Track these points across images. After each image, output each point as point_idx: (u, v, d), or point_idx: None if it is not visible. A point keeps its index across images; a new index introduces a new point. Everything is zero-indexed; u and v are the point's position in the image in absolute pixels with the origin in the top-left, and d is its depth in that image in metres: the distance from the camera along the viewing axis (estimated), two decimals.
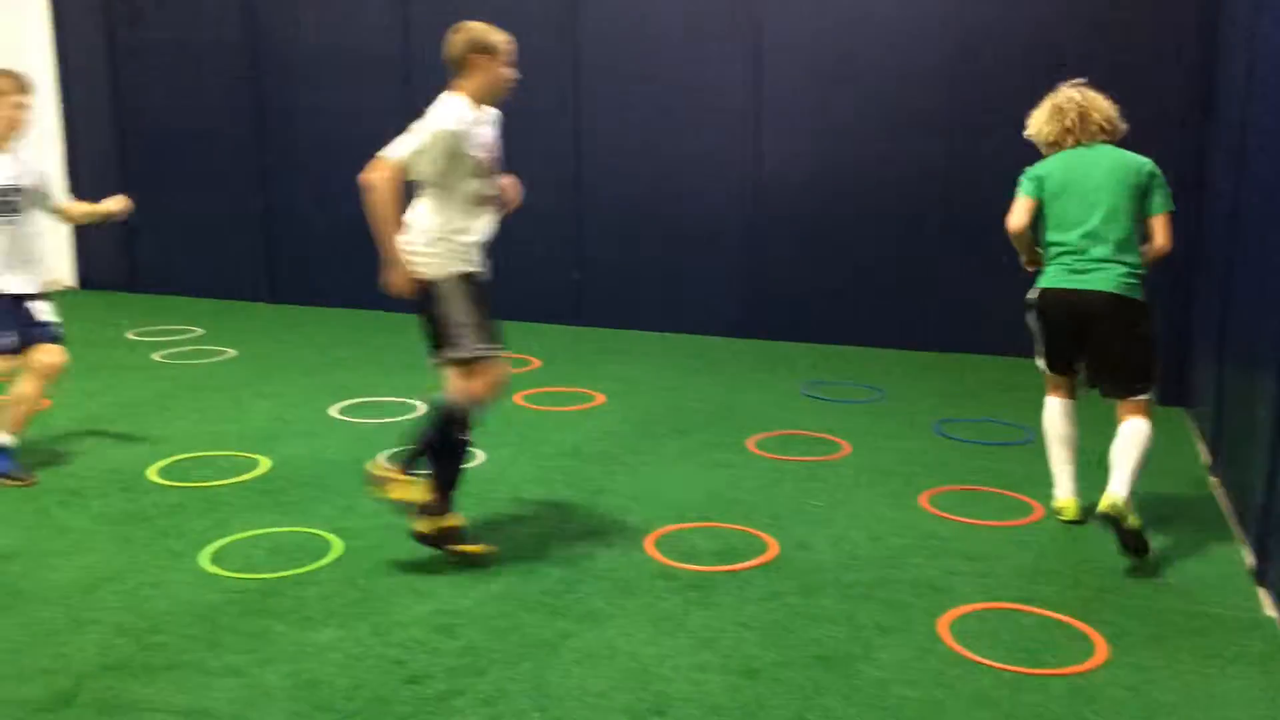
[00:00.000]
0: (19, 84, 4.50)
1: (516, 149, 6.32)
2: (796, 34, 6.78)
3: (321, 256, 8.13)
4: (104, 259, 8.82)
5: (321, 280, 8.17)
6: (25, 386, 4.46)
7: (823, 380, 6.17)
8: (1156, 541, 3.83)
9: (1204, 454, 4.91)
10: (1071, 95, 4.00)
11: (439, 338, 3.73)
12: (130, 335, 7.19)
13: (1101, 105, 3.99)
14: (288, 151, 8.09)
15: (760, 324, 7.17)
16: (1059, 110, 3.99)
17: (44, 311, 4.69)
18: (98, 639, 3.13)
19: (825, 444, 5.05)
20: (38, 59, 8.41)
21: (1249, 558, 3.71)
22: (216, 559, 3.69)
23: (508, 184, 3.90)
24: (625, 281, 7.42)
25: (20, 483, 4.38)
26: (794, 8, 6.76)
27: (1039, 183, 3.96)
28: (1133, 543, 3.63)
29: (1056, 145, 4.00)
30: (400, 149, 3.60)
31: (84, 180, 8.68)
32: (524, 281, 7.68)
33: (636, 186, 7.25)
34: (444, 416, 3.68)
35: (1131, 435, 3.80)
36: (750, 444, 5.02)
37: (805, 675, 2.98)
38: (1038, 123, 4.05)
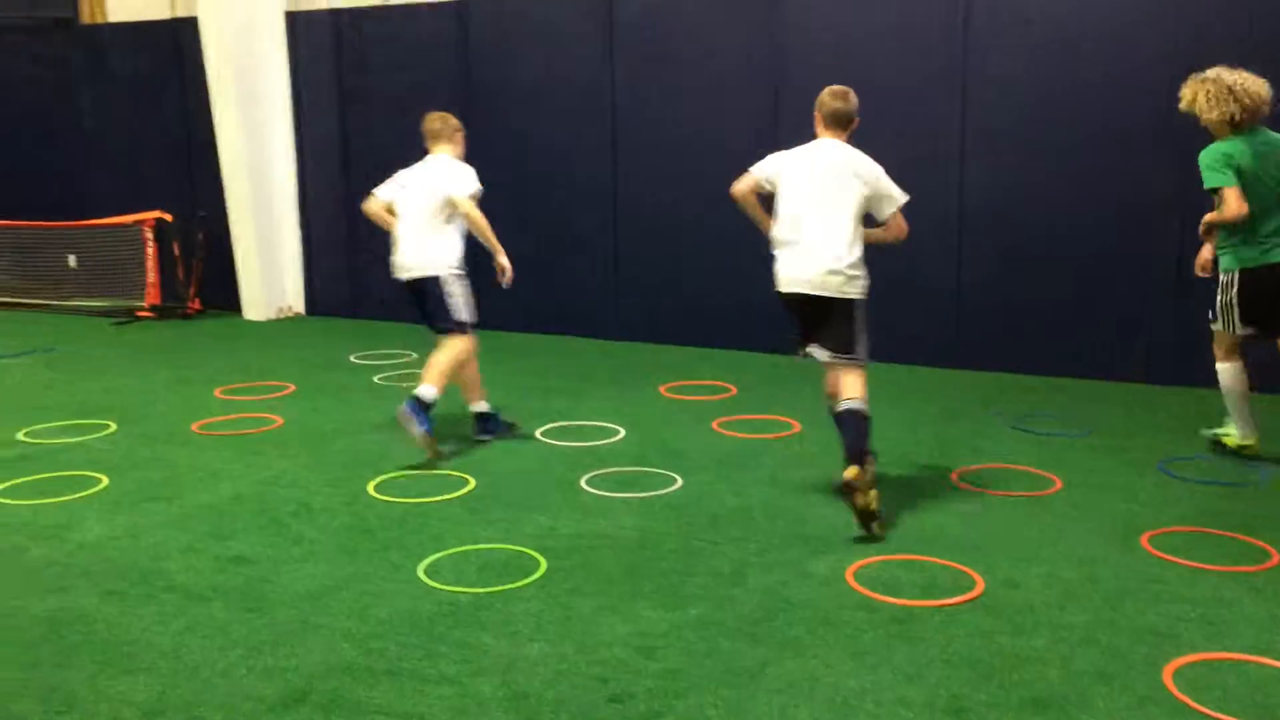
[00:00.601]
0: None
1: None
2: (1005, 65, 6.61)
3: (522, 284, 8.43)
4: (330, 287, 9.44)
5: (523, 306, 8.47)
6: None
7: (1033, 412, 5.94)
8: None
9: None
10: (1239, 78, 4.53)
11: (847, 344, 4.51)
12: (353, 359, 7.66)
13: (1263, 89, 4.58)
14: (497, 184, 8.45)
15: (967, 354, 6.97)
16: (1233, 92, 4.51)
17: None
18: (326, 642, 3.35)
19: (1035, 479, 4.86)
20: (278, 101, 9.13)
21: None
22: (431, 572, 3.88)
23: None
24: None
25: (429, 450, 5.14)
26: (999, 40, 6.59)
27: (1235, 169, 4.50)
28: None
29: (1229, 126, 4.56)
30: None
31: (311, 207, 9.36)
32: (720, 308, 7.76)
33: None
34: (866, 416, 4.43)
35: None
36: (954, 477, 4.88)
37: (1016, 718, 2.88)
38: (1211, 102, 4.58)
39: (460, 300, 5.44)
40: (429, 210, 5.40)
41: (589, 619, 3.50)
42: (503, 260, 5.53)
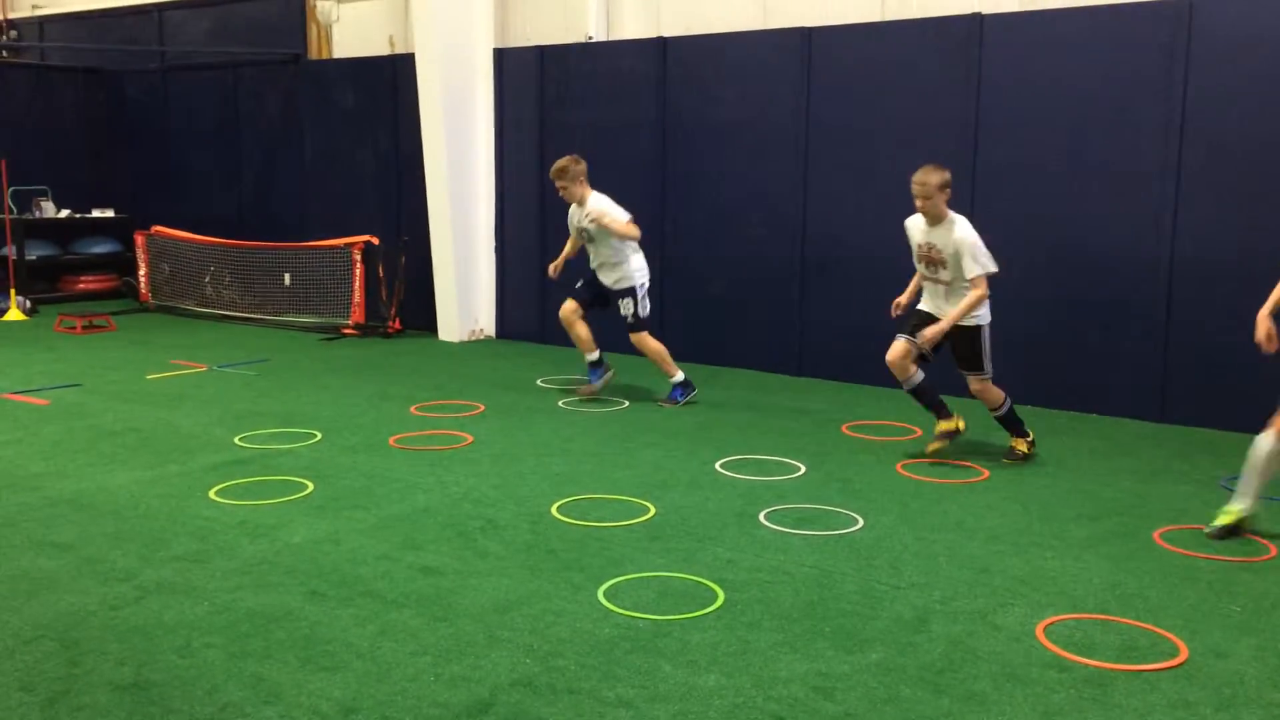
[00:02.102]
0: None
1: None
2: (1220, 115, 6.27)
3: (711, 319, 8.51)
4: (519, 313, 9.77)
5: (710, 340, 8.53)
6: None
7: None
8: None
9: None
10: None
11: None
12: (539, 382, 7.89)
13: None
14: (686, 219, 8.58)
15: (1177, 408, 6.61)
16: None
17: (623, 309, 7.09)
18: (509, 656, 3.45)
19: (1247, 544, 4.54)
20: (482, 134, 9.56)
21: None
22: (610, 595, 3.95)
23: None
24: (1017, 355, 7.12)
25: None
26: (1220, 80, 6.26)
27: None
28: None
29: None
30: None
31: (507, 235, 9.72)
32: None
33: (1035, 256, 6.96)
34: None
35: None
36: (1157, 536, 4.62)
37: None
38: None
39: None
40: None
41: (766, 654, 3.49)
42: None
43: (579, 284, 7.27)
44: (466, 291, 9.71)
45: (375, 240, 9.91)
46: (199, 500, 5.04)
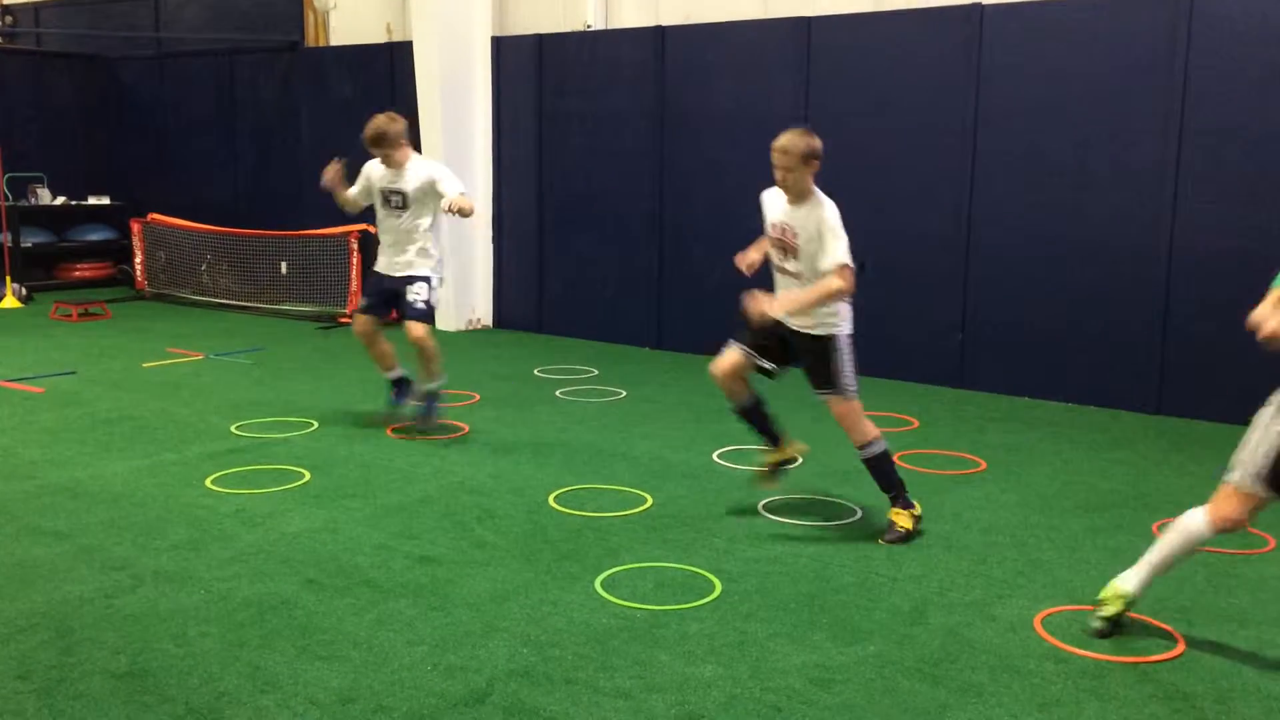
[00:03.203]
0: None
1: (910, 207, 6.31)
2: (1220, 105, 6.25)
3: (709, 307, 8.50)
4: (517, 302, 9.75)
5: (707, 331, 8.52)
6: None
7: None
8: None
9: None
10: None
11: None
12: (537, 372, 7.88)
13: None
14: (684, 210, 8.56)
15: (1176, 400, 6.61)
16: None
17: (414, 293, 6.05)
18: (506, 646, 3.44)
19: (1246, 536, 4.53)
20: (480, 122, 9.52)
21: None
22: (608, 585, 3.94)
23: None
24: (1016, 346, 7.12)
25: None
26: (1218, 85, 6.24)
27: None
28: None
29: None
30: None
31: (507, 224, 9.69)
32: (907, 339, 7.60)
33: (1034, 249, 6.95)
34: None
35: None
36: (1155, 528, 4.62)
37: None
38: None
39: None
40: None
41: (764, 645, 3.48)
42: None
43: (364, 300, 6.46)
44: (463, 281, 9.68)
45: (372, 229, 9.86)
46: (195, 489, 5.02)
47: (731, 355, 4.78)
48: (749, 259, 4.92)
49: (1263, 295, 6.03)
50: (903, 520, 4.49)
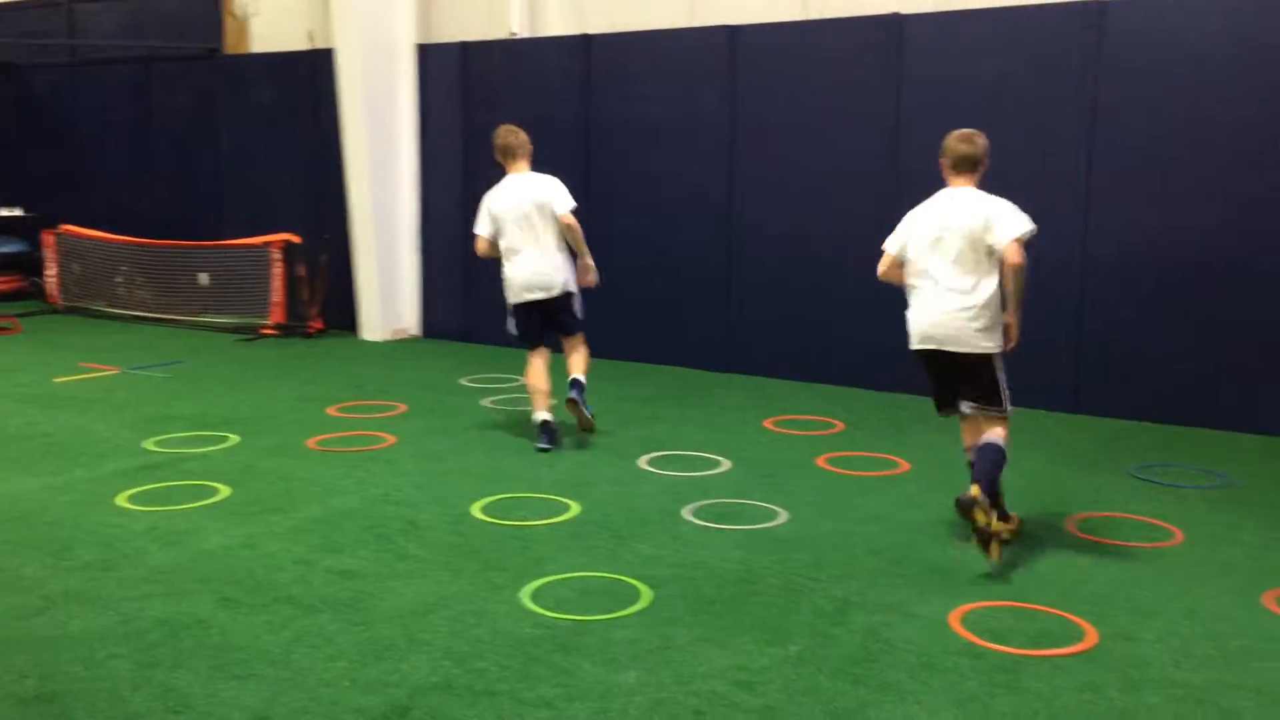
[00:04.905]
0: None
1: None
2: (1131, 114, 6.45)
3: (637, 314, 8.52)
4: (445, 311, 9.67)
5: (635, 336, 8.54)
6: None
7: (1158, 462, 5.72)
8: None
9: None
10: None
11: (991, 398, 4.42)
12: (463, 381, 7.82)
13: None
14: (617, 217, 8.57)
15: (1091, 400, 6.77)
16: None
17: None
18: (428, 659, 3.41)
19: (1155, 530, 4.68)
20: (405, 131, 9.44)
21: None
22: (532, 595, 3.92)
23: None
24: None
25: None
26: (1128, 96, 6.44)
27: None
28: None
29: None
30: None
31: (431, 233, 9.61)
32: (831, 343, 7.70)
33: None
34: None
35: None
36: (1071, 524, 4.73)
37: None
38: None
39: (581, 304, 6.15)
40: (553, 225, 5.92)
41: (688, 649, 3.49)
42: (590, 263, 6.04)
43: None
44: (389, 290, 9.58)
45: (295, 238, 9.73)
46: (108, 507, 4.89)
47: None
48: None
49: (1172, 294, 6.23)
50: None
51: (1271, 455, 5.84)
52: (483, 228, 6.01)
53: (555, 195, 5.91)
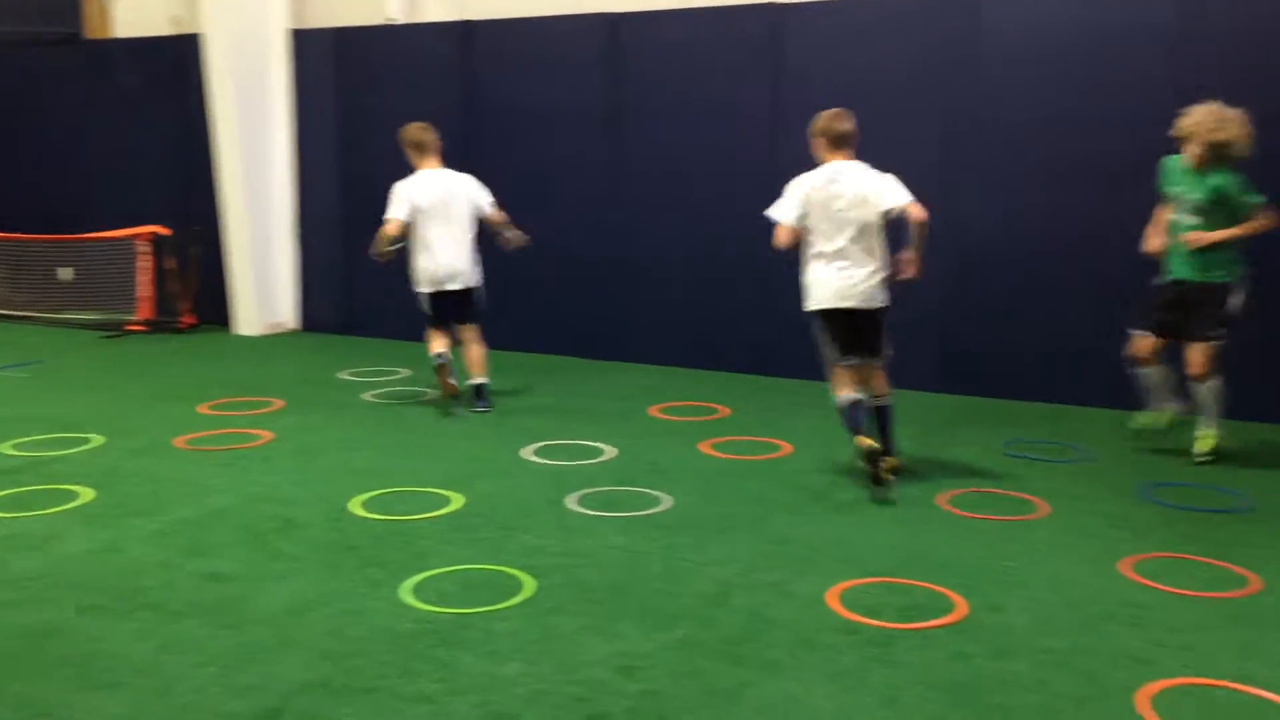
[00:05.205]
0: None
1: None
2: (1007, 102, 6.66)
3: (519, 305, 8.47)
4: (324, 304, 9.45)
5: (517, 325, 8.50)
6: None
7: (1025, 438, 5.93)
8: None
9: None
10: None
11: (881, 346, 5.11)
12: (343, 375, 7.66)
13: None
14: (501, 205, 8.48)
15: (963, 378, 6.99)
16: None
17: None
18: (302, 660, 3.33)
19: (1022, 503, 4.86)
20: (278, 118, 9.17)
21: None
22: (413, 590, 3.87)
23: None
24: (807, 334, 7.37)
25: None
26: (1004, 78, 6.65)
27: None
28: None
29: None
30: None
31: (308, 224, 9.39)
32: (713, 329, 7.78)
33: None
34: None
35: None
36: (942, 501, 4.88)
37: None
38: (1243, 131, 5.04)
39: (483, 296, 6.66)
40: (469, 222, 6.52)
41: (570, 639, 3.49)
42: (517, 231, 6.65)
43: None
44: (265, 282, 9.32)
45: (164, 230, 9.38)
46: None
47: None
48: None
49: (1033, 276, 6.44)
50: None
51: (1121, 428, 6.11)
52: (400, 212, 6.36)
53: (478, 194, 6.57)
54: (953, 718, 2.99)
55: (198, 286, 9.51)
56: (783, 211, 5.03)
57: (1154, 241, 5.47)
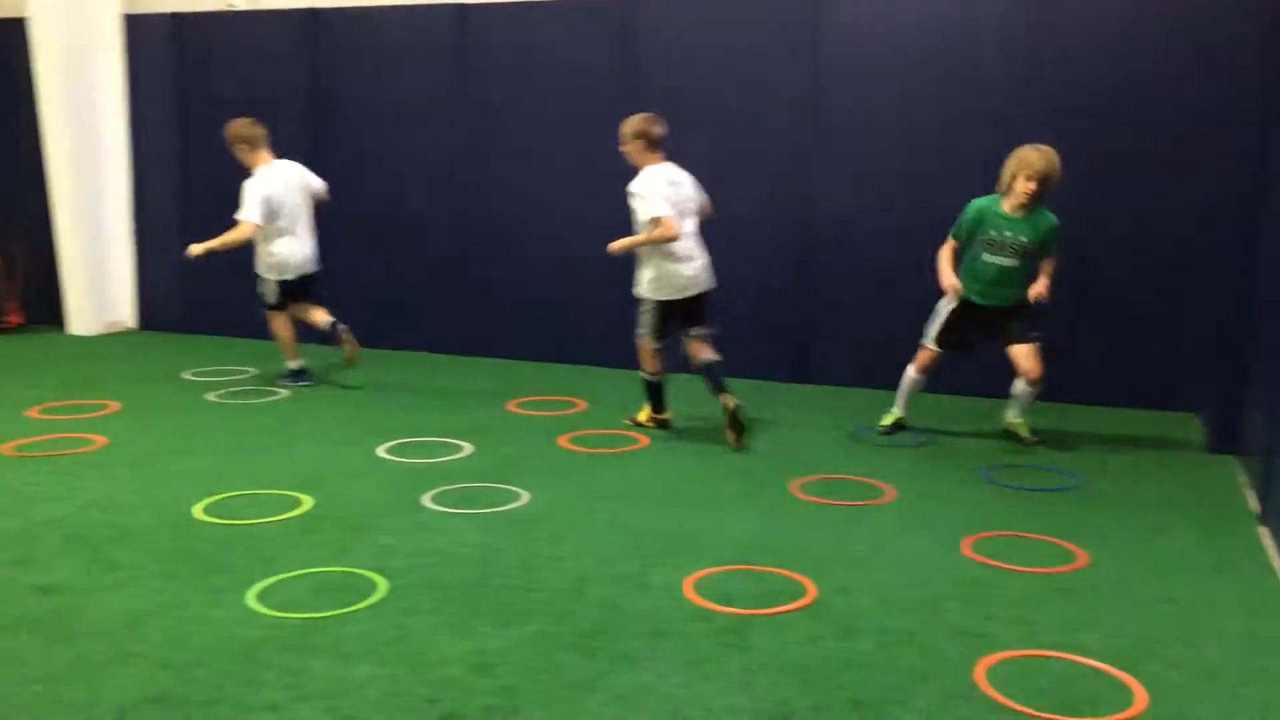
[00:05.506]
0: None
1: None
2: (841, 94, 6.85)
3: (373, 300, 8.30)
4: (163, 301, 9.05)
5: (370, 321, 8.33)
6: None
7: (873, 425, 6.12)
8: (1204, 588, 3.78)
9: (1255, 503, 4.79)
10: None
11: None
12: (186, 375, 7.35)
13: None
14: (346, 197, 8.27)
15: (813, 368, 7.17)
16: None
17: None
18: (140, 673, 3.18)
19: (870, 488, 5.02)
20: (111, 108, 8.72)
21: None
22: (260, 597, 3.74)
23: None
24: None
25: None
26: (840, 81, 6.83)
27: None
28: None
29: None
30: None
31: (147, 218, 8.98)
32: (571, 323, 7.77)
33: None
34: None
35: None
36: (794, 488, 5.00)
37: None
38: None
39: None
40: (311, 207, 6.95)
41: (424, 639, 3.44)
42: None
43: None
44: (100, 280, 8.86)
45: None
46: None
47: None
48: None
49: (881, 264, 6.65)
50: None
51: (965, 412, 6.39)
52: (256, 214, 6.60)
53: (313, 180, 6.93)
54: (802, 699, 3.07)
55: (25, 284, 8.97)
56: (661, 208, 5.49)
57: (953, 279, 5.56)
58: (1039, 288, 5.52)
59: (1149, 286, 6.41)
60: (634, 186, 5.60)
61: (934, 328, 5.74)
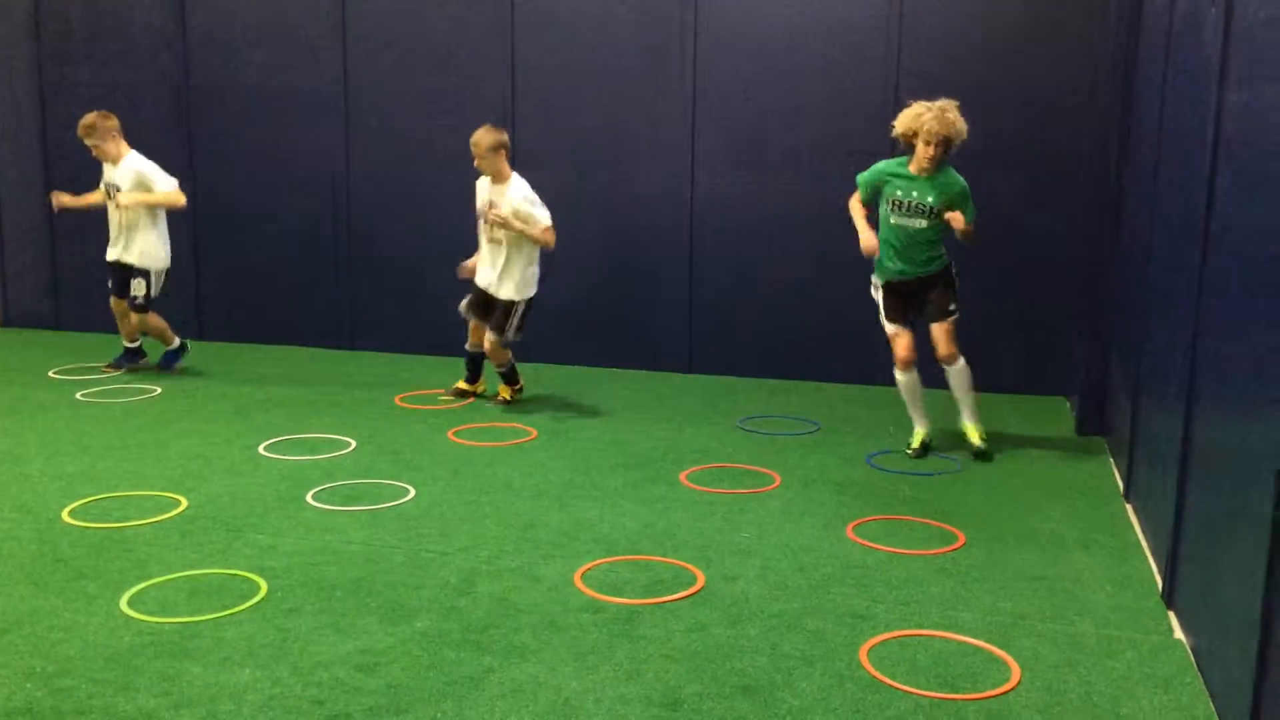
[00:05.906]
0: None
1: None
2: (723, 89, 6.91)
3: (252, 293, 8.06)
4: (26, 297, 8.64)
5: (247, 316, 8.09)
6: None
7: (759, 414, 6.21)
8: (1073, 564, 3.95)
9: (1120, 481, 5.02)
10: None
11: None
12: (52, 374, 7.03)
13: None
14: (219, 191, 8.01)
15: (702, 360, 7.23)
16: None
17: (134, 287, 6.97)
18: (4, 685, 3.04)
19: (757, 476, 5.09)
20: None
21: (1160, 581, 3.80)
22: (133, 602, 3.61)
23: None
24: (565, 318, 7.42)
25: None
26: (720, 74, 6.89)
27: None
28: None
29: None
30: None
31: (9, 210, 8.56)
32: (454, 316, 7.68)
33: (581, 220, 7.22)
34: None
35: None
36: (683, 478, 5.04)
37: (727, 705, 2.99)
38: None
39: None
40: None
41: (307, 639, 3.36)
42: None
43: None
44: None
45: None
46: None
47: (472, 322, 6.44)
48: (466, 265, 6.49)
49: (767, 258, 6.70)
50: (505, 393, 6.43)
51: (850, 401, 6.53)
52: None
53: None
54: (691, 686, 3.10)
55: None
56: (548, 215, 6.03)
57: (870, 240, 5.30)
58: (959, 223, 5.12)
59: (1016, 278, 6.65)
60: (524, 194, 6.00)
61: (880, 309, 5.48)
